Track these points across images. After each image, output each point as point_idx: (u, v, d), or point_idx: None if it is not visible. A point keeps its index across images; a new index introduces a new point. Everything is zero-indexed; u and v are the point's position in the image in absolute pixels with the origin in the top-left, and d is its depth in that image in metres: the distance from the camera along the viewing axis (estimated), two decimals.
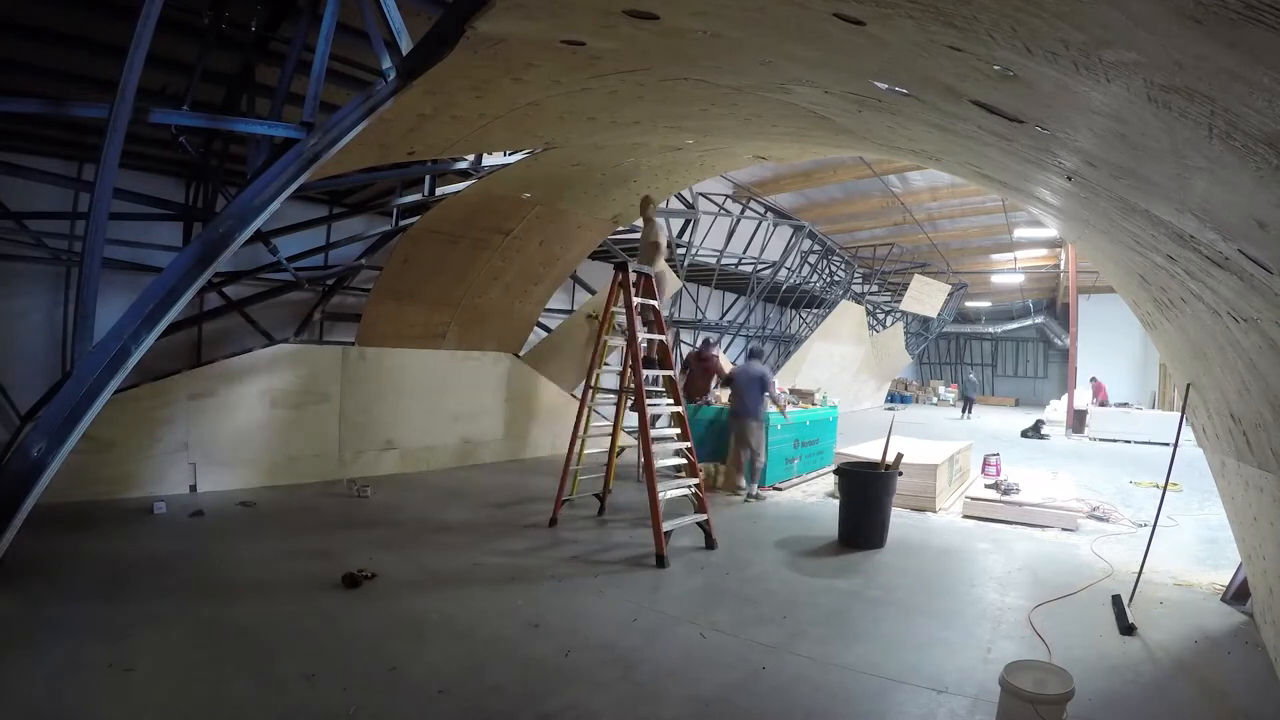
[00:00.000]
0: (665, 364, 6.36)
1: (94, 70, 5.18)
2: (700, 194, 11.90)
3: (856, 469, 6.44)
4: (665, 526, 5.22)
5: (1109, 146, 2.28)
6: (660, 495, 5.28)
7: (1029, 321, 32.09)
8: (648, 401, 5.56)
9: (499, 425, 10.07)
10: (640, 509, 6.34)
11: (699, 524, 5.74)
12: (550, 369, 10.57)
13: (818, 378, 17.36)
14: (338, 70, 5.04)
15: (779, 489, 8.65)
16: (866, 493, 6.12)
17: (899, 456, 6.35)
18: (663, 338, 6.34)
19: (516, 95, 4.69)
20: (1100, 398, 17.33)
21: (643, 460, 5.51)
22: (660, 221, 8.99)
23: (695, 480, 5.97)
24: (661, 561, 5.13)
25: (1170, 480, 5.34)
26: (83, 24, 4.65)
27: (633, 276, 6.03)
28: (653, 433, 5.56)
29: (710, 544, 5.70)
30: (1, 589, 4.11)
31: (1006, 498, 7.39)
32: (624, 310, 5.96)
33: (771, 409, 8.10)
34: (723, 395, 8.86)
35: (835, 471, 6.33)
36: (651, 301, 6.31)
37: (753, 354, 8.85)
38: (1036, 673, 3.00)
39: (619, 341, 6.71)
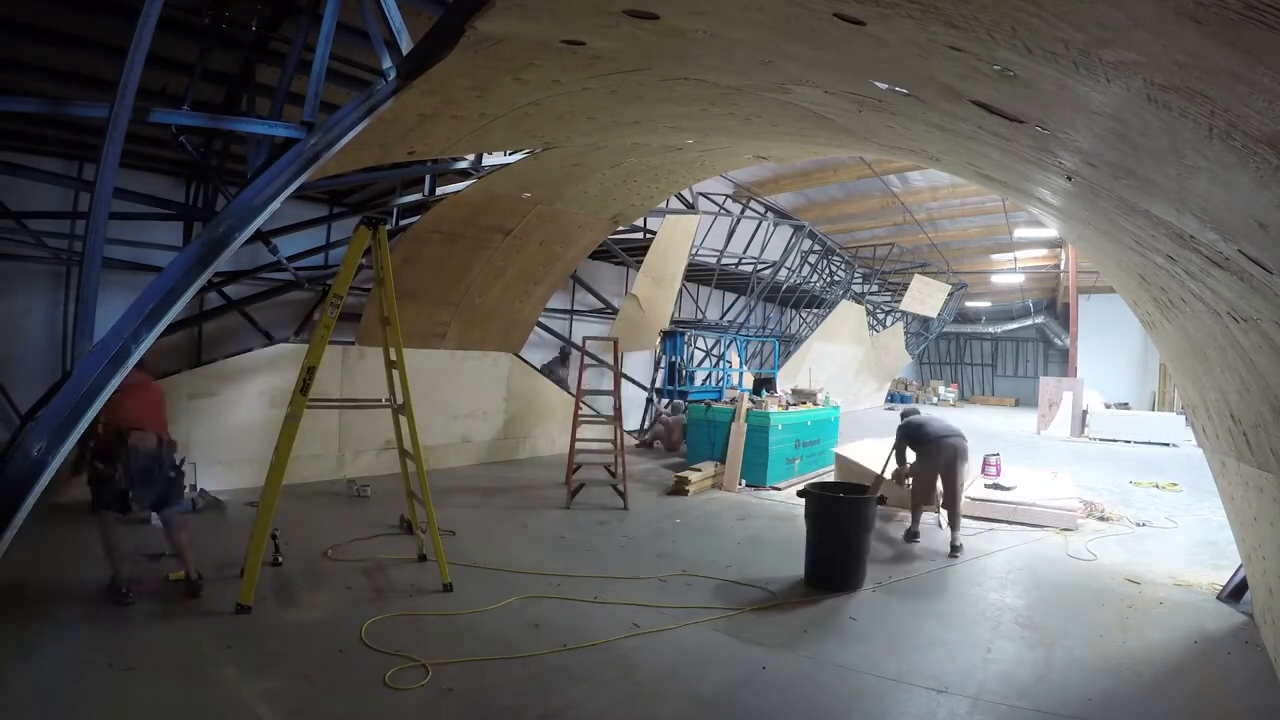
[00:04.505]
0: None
1: (94, 70, 5.18)
2: (700, 194, 11.89)
3: (826, 492, 5.39)
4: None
5: (1109, 146, 2.28)
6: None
7: (1029, 321, 32.09)
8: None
9: (499, 425, 10.08)
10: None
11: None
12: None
13: (818, 378, 17.37)
14: (338, 70, 5.04)
15: (778, 489, 8.66)
16: (838, 525, 5.04)
17: (879, 479, 5.79)
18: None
19: (516, 95, 4.69)
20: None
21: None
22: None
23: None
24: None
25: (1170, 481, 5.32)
26: (83, 24, 4.65)
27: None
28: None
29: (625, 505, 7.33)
30: (1, 588, 4.11)
31: (1006, 498, 7.39)
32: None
33: None
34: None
35: (799, 494, 5.26)
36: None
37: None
38: None
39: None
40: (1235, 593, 4.84)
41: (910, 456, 6.15)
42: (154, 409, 4.40)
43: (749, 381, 12.74)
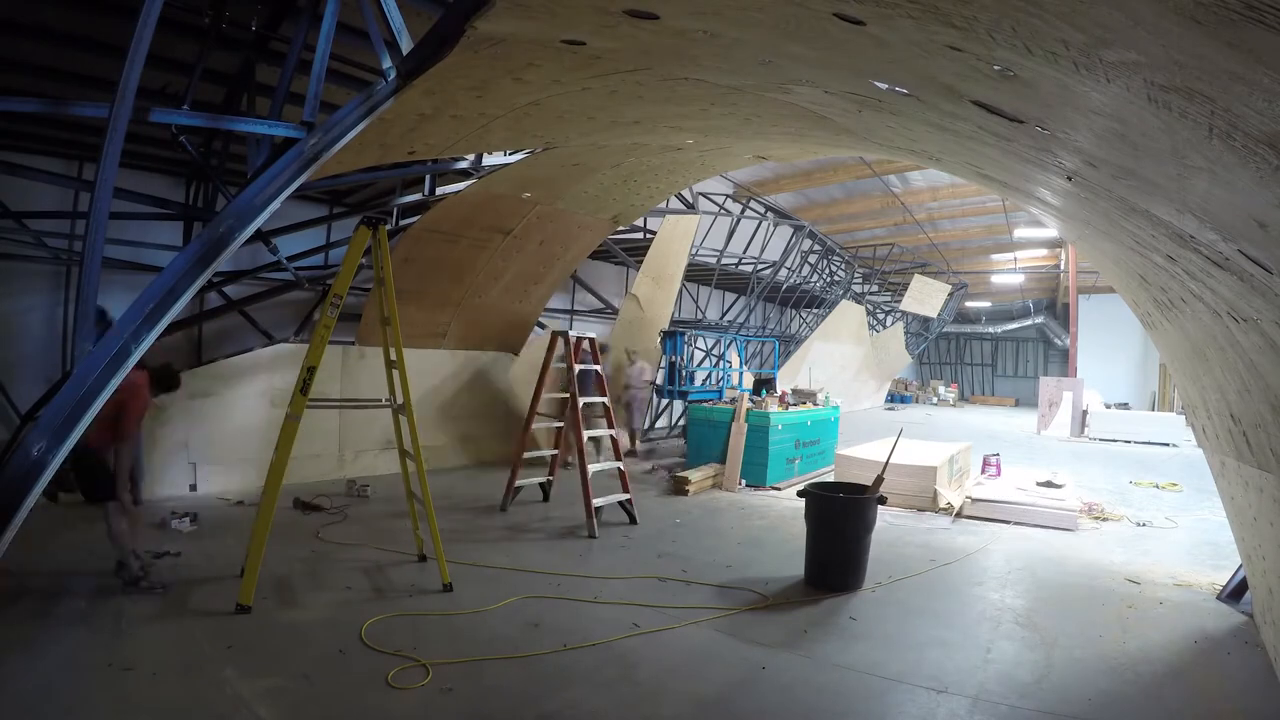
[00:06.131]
0: (602, 392, 7.28)
1: (94, 70, 5.18)
2: (700, 194, 11.89)
3: (825, 492, 5.33)
4: (597, 502, 6.35)
5: (1109, 146, 2.28)
6: (595, 501, 6.31)
7: (1029, 321, 32.10)
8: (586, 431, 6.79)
9: (500, 424, 10.08)
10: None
11: (622, 504, 6.75)
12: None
13: (818, 378, 17.37)
14: (338, 70, 5.04)
15: (778, 489, 8.66)
16: (838, 526, 5.01)
17: (879, 479, 5.55)
18: (604, 400, 7.20)
19: (516, 95, 4.69)
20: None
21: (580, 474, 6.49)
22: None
23: (626, 496, 6.78)
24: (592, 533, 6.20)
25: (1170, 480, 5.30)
26: (83, 24, 4.65)
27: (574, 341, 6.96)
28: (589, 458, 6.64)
29: (632, 520, 6.69)
30: (1, 588, 4.12)
31: (1007, 498, 7.39)
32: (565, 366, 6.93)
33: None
34: None
35: (799, 494, 5.23)
36: (594, 366, 7.12)
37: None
38: None
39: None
40: (1235, 593, 4.84)
41: None
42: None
43: (749, 381, 12.72)
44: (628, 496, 6.73)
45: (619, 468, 6.93)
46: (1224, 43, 1.30)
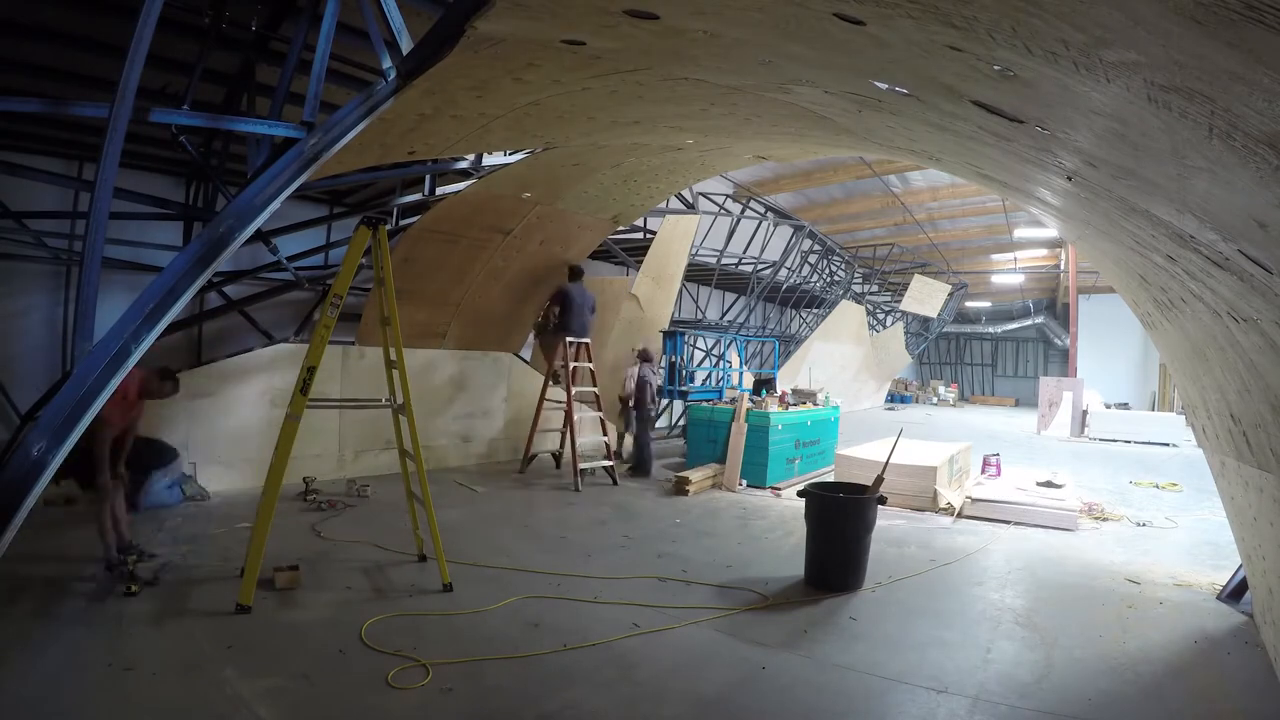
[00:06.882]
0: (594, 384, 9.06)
1: (94, 70, 5.18)
2: (700, 194, 11.88)
3: (825, 492, 5.34)
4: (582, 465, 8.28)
5: (1109, 146, 2.28)
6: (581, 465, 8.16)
7: (1029, 321, 32.09)
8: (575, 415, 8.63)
9: (499, 424, 10.08)
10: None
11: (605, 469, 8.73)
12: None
13: (818, 378, 17.37)
14: (338, 70, 5.04)
15: (778, 489, 8.65)
16: (838, 526, 5.01)
17: (879, 479, 5.51)
18: (595, 390, 9.05)
19: (516, 95, 4.69)
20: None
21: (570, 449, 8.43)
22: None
23: (610, 463, 8.76)
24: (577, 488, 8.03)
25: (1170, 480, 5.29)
26: (83, 24, 4.64)
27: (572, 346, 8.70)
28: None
29: (613, 481, 8.60)
30: (1, 588, 4.12)
31: (1007, 498, 7.39)
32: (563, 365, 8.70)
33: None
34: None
35: (800, 494, 5.24)
36: (589, 364, 8.89)
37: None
38: None
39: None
40: (1235, 593, 4.84)
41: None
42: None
43: (749, 381, 12.71)
44: (611, 464, 8.47)
45: (605, 442, 8.63)
46: (1224, 43, 1.30)
